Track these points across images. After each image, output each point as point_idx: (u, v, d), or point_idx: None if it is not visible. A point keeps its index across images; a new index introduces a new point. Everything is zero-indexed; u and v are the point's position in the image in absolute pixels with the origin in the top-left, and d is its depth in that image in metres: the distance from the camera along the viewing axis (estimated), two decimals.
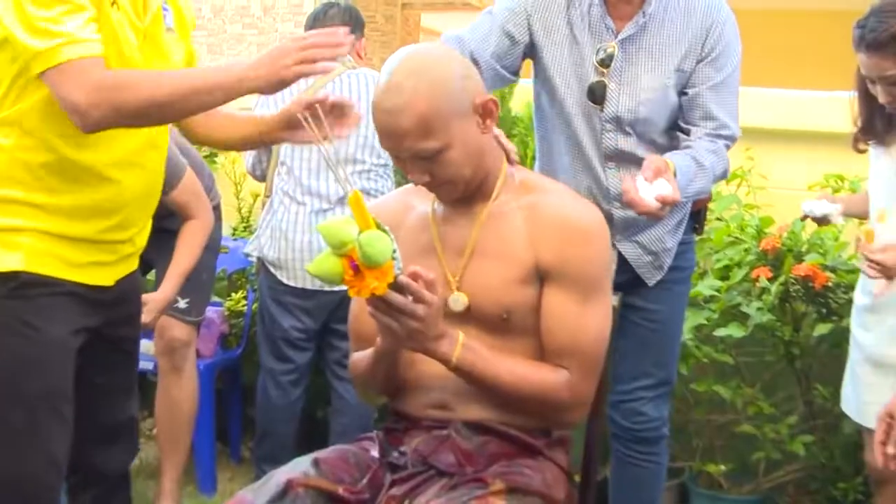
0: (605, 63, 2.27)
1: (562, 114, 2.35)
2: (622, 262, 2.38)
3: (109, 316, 2.05)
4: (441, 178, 1.76)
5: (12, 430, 1.91)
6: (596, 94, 2.28)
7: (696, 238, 2.59)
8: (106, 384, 2.12)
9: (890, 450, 1.77)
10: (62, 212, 1.91)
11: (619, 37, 2.27)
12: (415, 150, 1.73)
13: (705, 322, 3.09)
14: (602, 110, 2.29)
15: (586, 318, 1.78)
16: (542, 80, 2.37)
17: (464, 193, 1.81)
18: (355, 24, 3.32)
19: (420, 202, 1.91)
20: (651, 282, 2.42)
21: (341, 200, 3.14)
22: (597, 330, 1.80)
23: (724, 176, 2.35)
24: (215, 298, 3.74)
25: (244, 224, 4.23)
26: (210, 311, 3.50)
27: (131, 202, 2.00)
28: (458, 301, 1.80)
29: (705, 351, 3.13)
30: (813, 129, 3.47)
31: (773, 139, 3.48)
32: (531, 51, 2.35)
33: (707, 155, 2.22)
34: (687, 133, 2.29)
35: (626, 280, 2.37)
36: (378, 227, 1.61)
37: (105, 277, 2.01)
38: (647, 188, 2.00)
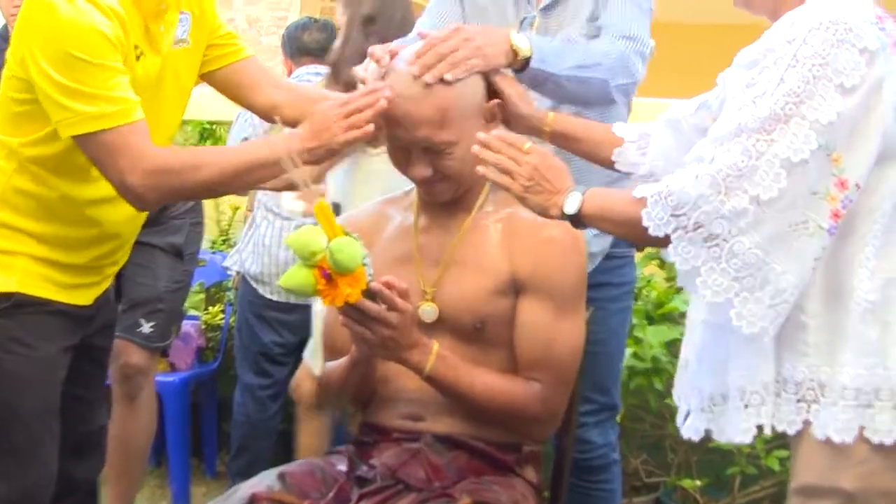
0: None
1: None
2: None
3: (88, 330, 2.05)
4: (443, 173, 1.76)
5: (14, 449, 1.92)
6: None
7: (636, 253, 2.46)
8: (82, 395, 2.13)
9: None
10: (54, 241, 1.92)
11: (540, 6, 2.22)
12: (427, 141, 1.73)
13: (679, 337, 3.08)
14: None
15: (560, 331, 1.78)
16: None
17: (454, 195, 1.81)
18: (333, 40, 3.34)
19: (397, 212, 1.91)
20: None
21: None
22: (570, 343, 1.81)
23: (624, 65, 2.05)
24: (193, 312, 3.73)
25: (223, 237, 4.22)
26: (187, 325, 3.48)
27: (125, 231, 2.02)
28: (429, 312, 1.81)
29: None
30: None
31: None
32: None
33: (588, 42, 2.10)
34: None
35: None
36: (346, 234, 1.61)
37: (88, 297, 2.02)
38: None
